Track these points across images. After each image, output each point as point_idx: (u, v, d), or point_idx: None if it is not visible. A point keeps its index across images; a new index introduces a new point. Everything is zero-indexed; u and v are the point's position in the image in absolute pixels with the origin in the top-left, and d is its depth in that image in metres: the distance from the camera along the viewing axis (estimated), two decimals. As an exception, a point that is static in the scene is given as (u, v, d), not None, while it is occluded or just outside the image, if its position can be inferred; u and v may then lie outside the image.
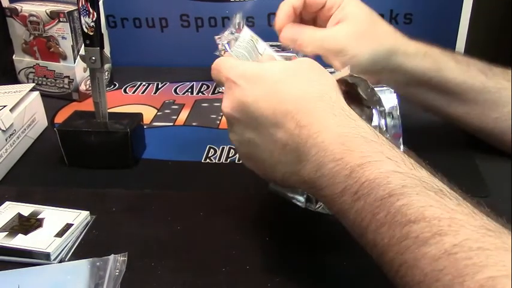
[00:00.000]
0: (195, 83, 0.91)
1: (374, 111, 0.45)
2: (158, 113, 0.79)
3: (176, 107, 0.82)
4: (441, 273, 0.29)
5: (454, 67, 0.58)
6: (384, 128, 0.46)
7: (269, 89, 0.41)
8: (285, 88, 0.41)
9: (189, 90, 0.88)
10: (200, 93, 0.87)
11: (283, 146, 0.40)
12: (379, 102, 0.45)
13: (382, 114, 0.45)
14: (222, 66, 0.46)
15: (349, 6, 0.56)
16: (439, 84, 0.58)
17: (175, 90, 0.88)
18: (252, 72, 0.43)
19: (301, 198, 0.47)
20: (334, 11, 0.56)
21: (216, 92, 0.88)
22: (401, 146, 0.45)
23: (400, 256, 0.32)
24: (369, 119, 0.45)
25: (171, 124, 0.76)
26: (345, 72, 0.45)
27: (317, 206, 0.46)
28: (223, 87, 0.46)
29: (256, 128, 0.42)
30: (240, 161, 0.64)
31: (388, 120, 0.46)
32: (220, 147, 0.68)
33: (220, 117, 0.78)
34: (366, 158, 0.36)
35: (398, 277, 0.32)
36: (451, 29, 0.92)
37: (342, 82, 0.45)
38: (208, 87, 0.90)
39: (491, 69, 0.59)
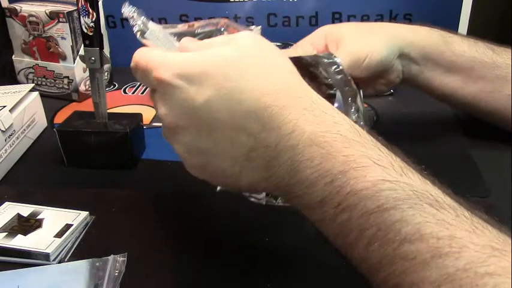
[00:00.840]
0: (194, 83, 0.91)
1: (338, 93, 0.40)
2: (158, 114, 0.79)
3: (176, 107, 0.81)
4: None
5: (461, 41, 0.59)
6: (353, 115, 0.41)
7: (220, 87, 0.34)
8: (240, 83, 0.34)
9: (189, 91, 0.88)
10: (200, 94, 0.87)
11: (248, 151, 0.35)
12: (344, 82, 0.40)
13: (349, 95, 0.40)
14: (149, 62, 0.38)
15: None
16: (450, 60, 0.59)
17: (174, 91, 0.88)
18: (193, 68, 0.35)
19: (261, 196, 0.43)
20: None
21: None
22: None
23: (395, 278, 0.28)
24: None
25: (171, 124, 0.76)
26: (306, 52, 0.40)
27: (278, 201, 0.43)
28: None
29: (211, 135, 0.35)
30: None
31: (352, 102, 0.40)
32: (220, 148, 0.67)
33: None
34: (350, 164, 0.31)
35: None
36: (450, 29, 0.92)
37: (296, 62, 0.38)
38: (207, 87, 0.90)
39: (496, 46, 0.60)
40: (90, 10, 0.58)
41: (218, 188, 0.43)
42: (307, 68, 0.40)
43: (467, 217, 0.29)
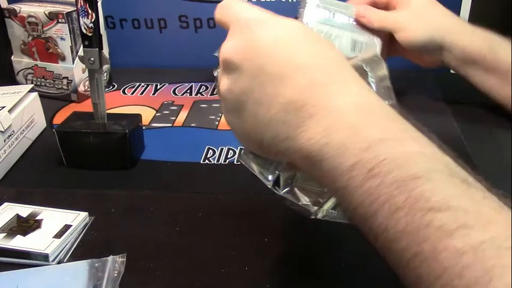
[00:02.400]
0: (193, 84, 0.91)
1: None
2: (157, 114, 0.79)
3: (175, 108, 0.82)
4: (465, 269, 0.27)
5: (505, 45, 0.64)
6: None
7: (286, 37, 0.36)
8: (303, 42, 0.36)
9: (188, 91, 0.88)
10: (199, 94, 0.87)
11: (286, 102, 0.35)
12: (386, 89, 0.42)
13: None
14: (233, 5, 0.39)
15: None
16: (492, 63, 0.64)
17: (174, 91, 0.88)
18: (270, 17, 0.38)
19: (270, 177, 0.42)
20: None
21: (215, 93, 0.88)
22: None
23: (416, 246, 0.29)
24: None
25: (170, 125, 0.76)
26: (367, 54, 0.43)
27: (283, 191, 0.42)
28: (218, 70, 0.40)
29: (258, 77, 0.36)
30: (239, 162, 0.64)
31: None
32: (219, 148, 0.68)
33: (219, 118, 0.78)
34: (388, 134, 0.32)
35: (410, 269, 0.29)
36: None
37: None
38: (207, 88, 0.90)
39: None
40: (89, 11, 0.58)
41: (242, 154, 0.43)
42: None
43: (495, 200, 0.30)
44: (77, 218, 0.51)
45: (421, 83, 0.86)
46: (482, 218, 0.28)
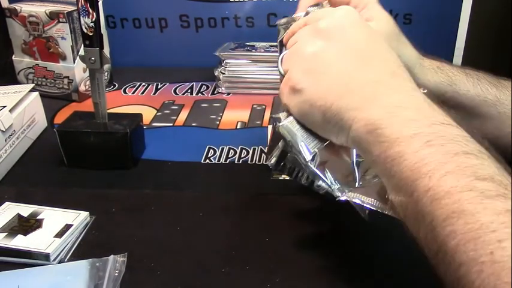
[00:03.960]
0: (194, 83, 0.91)
1: None
2: (158, 114, 0.79)
3: (176, 107, 0.82)
4: (500, 226, 0.29)
5: (466, 81, 0.59)
6: None
7: (366, 33, 0.43)
8: (383, 43, 0.43)
9: (189, 91, 0.88)
10: (200, 94, 0.87)
11: (367, 80, 0.40)
12: None
13: None
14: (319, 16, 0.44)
15: (374, 8, 0.57)
16: (453, 98, 0.59)
17: (174, 91, 0.88)
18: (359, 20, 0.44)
19: (310, 150, 0.44)
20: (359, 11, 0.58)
21: (215, 92, 0.88)
22: None
23: (457, 204, 0.31)
24: None
25: (171, 124, 0.76)
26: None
27: (315, 167, 0.44)
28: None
29: (344, 38, 0.42)
30: (240, 161, 0.64)
31: None
32: (220, 148, 0.68)
33: (219, 118, 0.78)
34: (447, 120, 0.36)
35: (444, 225, 0.31)
36: (450, 29, 0.92)
37: None
38: (207, 87, 0.90)
39: (499, 81, 0.59)
40: (90, 10, 0.58)
41: (281, 119, 0.45)
42: None
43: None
44: (78, 218, 0.51)
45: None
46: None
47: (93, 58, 0.60)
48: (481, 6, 0.90)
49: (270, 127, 0.65)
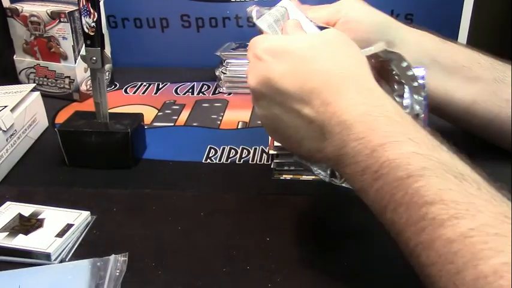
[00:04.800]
0: (195, 83, 0.91)
1: (406, 87, 0.46)
2: (159, 113, 0.79)
3: (177, 107, 0.82)
4: (455, 255, 0.29)
5: (459, 44, 0.60)
6: (417, 107, 0.46)
7: (295, 65, 0.41)
8: (311, 65, 0.41)
9: (190, 91, 0.88)
10: (201, 94, 0.87)
11: (309, 122, 0.40)
12: (412, 78, 0.45)
13: (415, 90, 0.46)
14: (251, 43, 0.45)
15: (349, 9, 0.56)
16: (448, 57, 0.57)
17: (176, 91, 0.88)
18: (277, 46, 0.42)
19: (324, 173, 0.47)
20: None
21: (216, 92, 0.88)
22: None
23: (416, 237, 0.32)
24: (400, 96, 0.46)
25: (172, 124, 0.76)
26: (378, 48, 0.45)
27: (341, 181, 0.46)
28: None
29: (282, 104, 0.41)
30: (241, 161, 0.64)
31: (418, 96, 0.46)
32: (221, 148, 0.68)
33: (221, 118, 0.78)
34: (388, 138, 0.36)
35: (414, 257, 0.33)
36: (451, 29, 0.92)
37: (373, 57, 0.45)
38: (208, 87, 0.90)
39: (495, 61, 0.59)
40: (92, 10, 0.58)
41: (294, 156, 0.47)
42: (381, 63, 0.46)
43: (489, 190, 0.32)
44: (79, 217, 0.51)
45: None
46: (472, 208, 0.31)
47: (94, 58, 0.60)
48: (482, 6, 0.90)
49: None
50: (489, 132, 0.59)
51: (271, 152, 0.58)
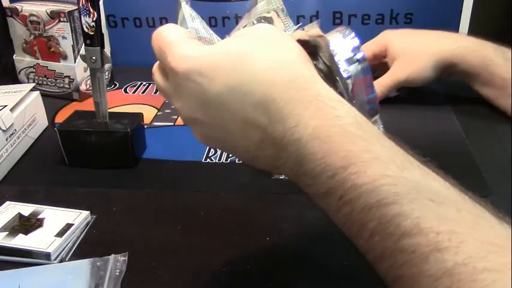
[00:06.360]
0: (195, 82, 0.91)
1: (338, 73, 0.41)
2: (159, 113, 0.79)
3: (176, 106, 0.82)
4: None
5: (502, 64, 0.68)
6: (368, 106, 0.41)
7: (230, 79, 0.34)
8: (248, 75, 0.34)
9: (190, 90, 0.88)
10: (200, 93, 0.87)
11: (258, 142, 0.35)
12: (339, 67, 0.40)
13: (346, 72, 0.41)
14: (166, 47, 0.37)
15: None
16: (487, 79, 0.69)
17: (175, 90, 0.88)
18: (205, 62, 0.35)
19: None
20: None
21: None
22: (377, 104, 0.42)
23: (396, 270, 0.29)
24: (333, 81, 0.40)
25: (172, 124, 0.76)
26: (310, 30, 0.41)
27: None
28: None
29: (224, 127, 0.36)
30: (241, 161, 0.64)
31: (353, 67, 0.41)
32: (221, 147, 0.68)
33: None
34: (351, 159, 0.31)
35: (395, 286, 0.30)
36: (451, 29, 0.91)
37: (302, 43, 0.39)
38: (208, 87, 0.90)
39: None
40: (91, 9, 0.58)
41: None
42: (314, 51, 0.41)
43: (470, 212, 0.29)
44: (79, 217, 0.51)
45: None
46: (454, 238, 0.27)
47: (94, 57, 0.60)
48: (481, 7, 0.90)
49: None
50: None
51: None
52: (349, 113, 0.34)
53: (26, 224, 0.50)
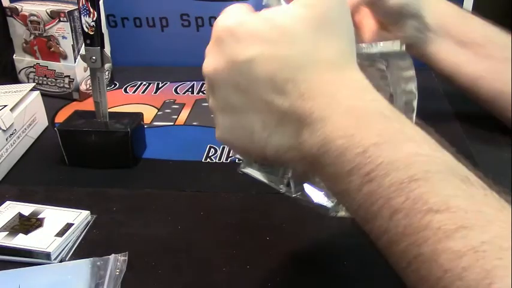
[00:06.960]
0: (195, 82, 0.91)
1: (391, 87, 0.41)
2: (159, 113, 0.79)
3: (177, 106, 0.82)
4: (466, 271, 0.26)
5: (477, 19, 0.62)
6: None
7: (267, 51, 0.34)
8: (287, 51, 0.34)
9: (190, 90, 0.88)
10: (201, 93, 0.87)
11: (281, 115, 0.34)
12: (406, 80, 0.42)
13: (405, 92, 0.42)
14: (220, 16, 0.38)
15: None
16: (464, 32, 0.61)
17: (175, 90, 0.88)
18: (246, 28, 0.35)
19: (281, 186, 0.42)
20: None
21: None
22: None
23: (416, 248, 0.28)
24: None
25: (172, 124, 0.76)
26: (393, 46, 0.41)
27: (295, 194, 0.42)
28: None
29: (248, 92, 0.35)
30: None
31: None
32: (221, 147, 0.68)
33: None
34: (384, 137, 0.31)
35: (411, 270, 0.29)
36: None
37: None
38: (208, 86, 0.90)
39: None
40: (91, 9, 0.58)
41: (241, 166, 0.42)
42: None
43: (496, 197, 0.30)
44: (79, 217, 0.51)
45: (423, 82, 0.85)
46: (482, 217, 0.28)
47: (94, 57, 0.60)
48: (482, 6, 0.90)
49: None
50: (493, 107, 0.62)
51: None
52: (384, 100, 0.34)
53: (26, 224, 0.50)
